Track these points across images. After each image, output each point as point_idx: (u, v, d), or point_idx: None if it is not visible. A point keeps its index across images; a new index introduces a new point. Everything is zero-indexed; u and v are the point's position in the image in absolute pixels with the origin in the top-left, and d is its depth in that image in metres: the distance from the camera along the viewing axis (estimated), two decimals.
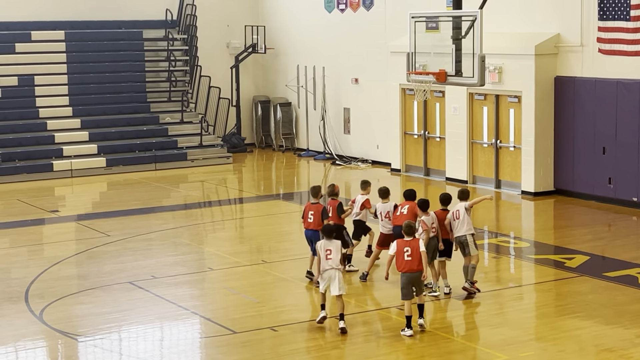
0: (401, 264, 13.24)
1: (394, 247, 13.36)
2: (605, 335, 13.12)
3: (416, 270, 13.20)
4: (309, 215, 15.63)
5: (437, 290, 15.03)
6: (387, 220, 16.01)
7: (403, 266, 13.23)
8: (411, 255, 13.15)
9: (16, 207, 23.51)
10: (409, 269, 13.20)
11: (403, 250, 13.20)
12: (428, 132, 26.63)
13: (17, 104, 29.48)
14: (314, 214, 15.54)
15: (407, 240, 13.30)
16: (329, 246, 13.56)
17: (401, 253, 13.21)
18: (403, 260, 13.21)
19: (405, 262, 13.20)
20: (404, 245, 13.26)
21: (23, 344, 13.42)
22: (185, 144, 30.32)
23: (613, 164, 22.00)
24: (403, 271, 13.27)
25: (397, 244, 13.31)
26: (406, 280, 13.23)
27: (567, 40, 22.85)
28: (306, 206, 15.89)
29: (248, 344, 13.19)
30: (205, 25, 32.83)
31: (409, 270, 13.20)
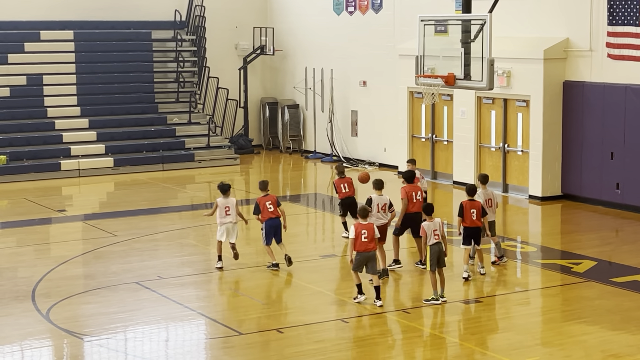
0: (360, 245, 14.54)
1: (352, 231, 14.61)
2: (611, 341, 13.09)
3: (371, 250, 14.57)
4: (267, 206, 16.90)
5: (439, 299, 14.90)
6: (383, 212, 16.11)
7: (360, 247, 14.57)
8: (367, 237, 14.52)
9: (23, 206, 23.56)
10: (364, 249, 14.57)
11: (361, 232, 14.54)
12: (436, 135, 26.61)
13: (26, 103, 29.54)
14: (272, 203, 16.91)
15: (364, 224, 14.60)
16: (227, 204, 16.92)
17: (359, 235, 14.53)
18: (361, 241, 14.53)
19: (362, 243, 14.54)
20: (361, 228, 14.55)
21: (29, 343, 13.44)
22: (192, 145, 30.34)
23: (621, 169, 21.96)
24: (359, 251, 14.58)
25: (355, 227, 14.59)
26: (361, 258, 14.62)
27: (576, 45, 22.82)
28: (260, 200, 17.02)
29: (254, 345, 13.19)
30: (214, 27, 32.86)
31: (365, 250, 14.58)
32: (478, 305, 14.87)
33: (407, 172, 17.44)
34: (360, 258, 14.64)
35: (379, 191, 16.29)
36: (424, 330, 13.75)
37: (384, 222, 16.20)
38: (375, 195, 16.24)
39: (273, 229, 17.00)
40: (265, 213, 16.91)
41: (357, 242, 14.60)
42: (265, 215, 16.94)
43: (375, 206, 16.11)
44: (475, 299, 15.15)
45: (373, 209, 16.06)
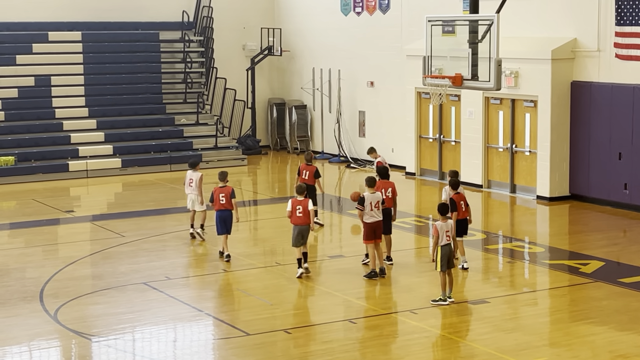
0: (295, 219, 16.23)
1: (289, 205, 16.28)
2: (619, 342, 13.07)
3: (305, 224, 16.22)
4: (220, 198, 17.58)
5: (446, 299, 14.91)
6: (376, 210, 16.16)
7: (296, 220, 16.24)
8: (302, 212, 16.19)
9: (31, 207, 23.62)
10: (300, 222, 16.25)
11: (296, 208, 16.22)
12: (443, 135, 26.59)
13: (34, 104, 29.62)
14: (225, 195, 17.60)
15: (300, 199, 16.27)
16: (192, 176, 19.08)
17: (294, 210, 16.22)
18: (296, 216, 16.23)
19: (298, 217, 16.24)
20: (296, 204, 16.23)
21: (37, 343, 13.47)
22: (200, 146, 30.38)
23: (629, 170, 21.92)
24: (295, 224, 16.28)
25: (291, 202, 16.28)
26: (297, 231, 16.28)
27: (584, 45, 22.78)
28: (215, 190, 17.67)
29: (261, 346, 13.20)
30: (222, 28, 32.90)
31: (300, 224, 16.25)
32: (486, 305, 14.86)
33: (380, 168, 17.76)
34: (297, 231, 16.21)
35: (371, 189, 16.35)
36: (431, 331, 13.74)
37: (378, 219, 16.26)
38: (367, 193, 16.30)
39: (223, 220, 17.68)
40: (217, 204, 17.63)
41: (293, 216, 16.20)
42: (217, 206, 17.68)
43: (369, 204, 16.17)
44: (482, 299, 15.13)
45: (366, 207, 16.16)
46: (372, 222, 16.14)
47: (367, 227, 16.24)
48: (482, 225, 21.36)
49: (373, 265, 16.39)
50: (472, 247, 18.92)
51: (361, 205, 16.19)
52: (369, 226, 16.22)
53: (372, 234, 16.23)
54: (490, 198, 24.33)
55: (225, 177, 18.03)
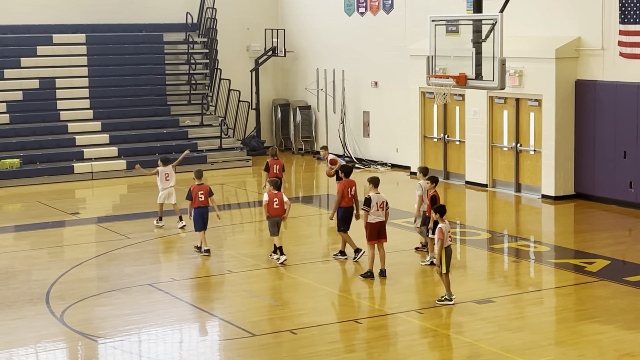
0: (272, 210, 17.40)
1: (266, 197, 17.45)
2: (625, 340, 13.06)
3: (280, 215, 17.40)
4: (199, 195, 18.16)
5: (452, 299, 14.92)
6: (380, 210, 16.24)
7: (272, 212, 17.40)
8: (278, 204, 17.40)
9: (37, 209, 23.65)
10: (276, 214, 17.42)
11: (273, 200, 17.43)
12: (448, 135, 26.59)
13: (39, 106, 29.66)
14: (204, 193, 18.21)
15: (275, 192, 17.42)
16: (167, 171, 20.32)
17: (272, 202, 17.41)
18: (272, 207, 17.42)
19: (274, 209, 17.42)
20: (273, 196, 17.43)
21: (44, 345, 13.50)
22: (205, 147, 30.40)
23: (634, 168, 21.89)
24: (272, 215, 17.40)
25: (268, 195, 17.44)
26: (272, 222, 17.50)
27: (588, 43, 22.77)
28: (193, 188, 18.24)
29: (267, 346, 13.21)
30: (226, 29, 32.93)
31: (275, 215, 17.44)
32: (491, 305, 14.86)
33: (345, 166, 18.15)
34: (272, 222, 17.44)
35: (376, 190, 16.39)
36: (437, 331, 13.74)
37: (382, 220, 16.29)
38: (373, 193, 16.34)
39: (201, 217, 18.23)
40: (196, 201, 18.17)
41: (270, 207, 17.38)
42: (196, 203, 18.19)
43: (375, 205, 16.22)
44: (488, 298, 15.13)
45: (372, 207, 16.22)
46: (376, 223, 16.20)
47: (371, 228, 16.27)
48: (488, 224, 21.36)
49: (371, 266, 16.44)
50: (478, 246, 18.93)
51: (367, 207, 16.22)
52: (373, 226, 16.25)
53: (375, 234, 16.27)
54: (495, 197, 24.32)
55: (202, 174, 18.68)
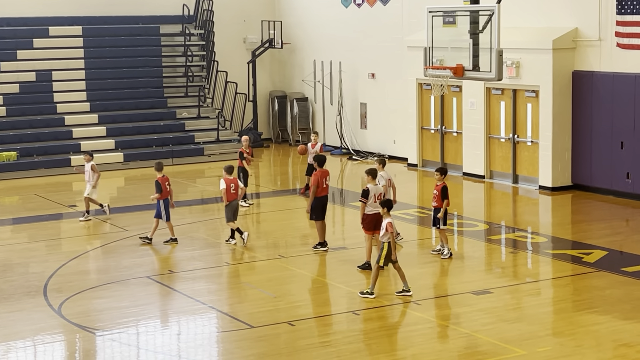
0: (230, 195, 18.27)
1: (223, 184, 18.22)
2: (623, 331, 13.08)
3: (237, 199, 18.45)
4: (167, 186, 18.84)
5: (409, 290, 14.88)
6: (379, 202, 16.16)
7: (231, 197, 18.31)
8: (235, 190, 18.35)
9: (34, 202, 23.64)
10: (234, 198, 18.37)
11: (230, 185, 18.26)
12: (445, 127, 26.58)
13: (35, 99, 29.62)
14: (169, 184, 18.89)
15: (231, 178, 18.36)
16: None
17: (229, 188, 18.24)
18: (230, 193, 18.26)
19: (231, 194, 18.31)
20: (230, 182, 18.29)
21: (42, 338, 13.50)
22: (202, 139, 30.39)
23: (631, 159, 21.91)
24: (229, 200, 18.27)
25: (225, 181, 18.22)
26: (230, 207, 18.32)
27: (585, 34, 22.76)
28: (162, 180, 18.79)
29: (265, 338, 13.22)
30: (222, 21, 32.88)
31: (234, 199, 18.36)
32: (489, 295, 14.87)
33: (318, 156, 18.29)
34: (231, 207, 18.29)
35: (373, 181, 16.44)
36: (435, 322, 13.76)
37: (378, 211, 16.26)
38: (371, 185, 16.40)
39: (164, 207, 18.82)
40: (165, 192, 18.77)
41: (228, 194, 18.19)
42: (165, 194, 18.80)
43: (372, 196, 16.26)
44: (486, 289, 15.15)
45: (370, 198, 16.27)
46: (373, 214, 16.22)
47: (369, 219, 16.31)
48: (485, 215, 21.37)
49: (368, 257, 16.50)
50: (475, 237, 18.95)
51: (365, 198, 16.26)
52: (370, 218, 16.29)
53: (372, 225, 16.29)
54: (492, 189, 24.33)
55: (162, 166, 19.23)
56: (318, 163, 17.93)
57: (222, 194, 18.34)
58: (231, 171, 18.60)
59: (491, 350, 12.47)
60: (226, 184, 18.27)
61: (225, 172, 18.54)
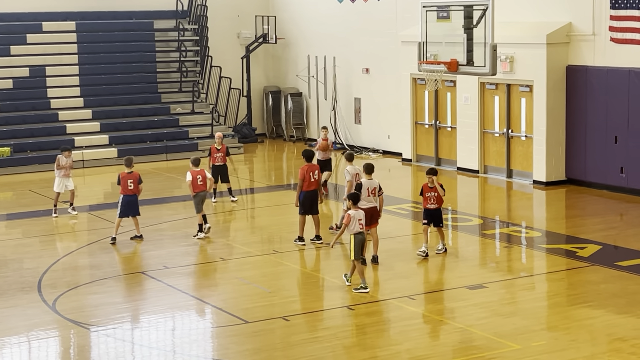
0: (197, 186, 18.54)
1: (189, 176, 18.57)
2: (617, 325, 13.10)
3: (204, 190, 18.60)
4: (128, 183, 18.44)
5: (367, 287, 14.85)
6: (372, 196, 16.33)
7: (198, 188, 18.56)
8: (202, 181, 18.56)
9: (28, 198, 23.60)
10: (201, 189, 18.57)
11: (196, 177, 18.55)
12: (439, 121, 26.59)
13: (29, 95, 29.57)
14: (133, 181, 18.47)
15: (197, 170, 18.58)
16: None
17: (195, 179, 18.55)
18: (197, 184, 18.55)
19: (198, 186, 18.55)
20: (196, 174, 18.54)
21: (36, 333, 13.48)
22: (196, 135, 30.35)
23: (625, 153, 21.94)
24: (196, 191, 18.54)
25: (191, 173, 18.54)
26: (198, 198, 18.57)
27: (579, 29, 22.77)
28: (123, 176, 18.49)
29: (260, 333, 13.22)
30: (216, 16, 32.84)
31: (201, 190, 18.56)
32: (483, 290, 14.89)
33: (305, 151, 18.24)
34: (198, 197, 18.54)
35: (368, 175, 16.46)
36: (429, 317, 13.77)
37: (373, 205, 16.34)
38: (365, 179, 16.39)
39: (129, 205, 18.50)
40: (125, 189, 18.50)
41: (194, 184, 18.45)
42: (124, 190, 18.51)
43: (366, 190, 16.29)
44: (480, 284, 15.17)
45: (363, 193, 16.25)
46: (368, 208, 16.20)
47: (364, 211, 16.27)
48: (479, 210, 21.40)
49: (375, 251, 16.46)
50: (469, 232, 18.97)
51: (358, 192, 16.25)
52: (364, 212, 16.23)
53: (367, 219, 16.23)
54: (486, 183, 24.35)
55: (132, 162, 18.83)
56: (306, 158, 17.95)
57: (188, 185, 18.67)
58: (197, 163, 18.83)
59: (486, 344, 12.49)
60: (192, 176, 18.56)
61: (192, 164, 18.81)
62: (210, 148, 22.44)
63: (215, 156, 22.09)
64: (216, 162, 22.10)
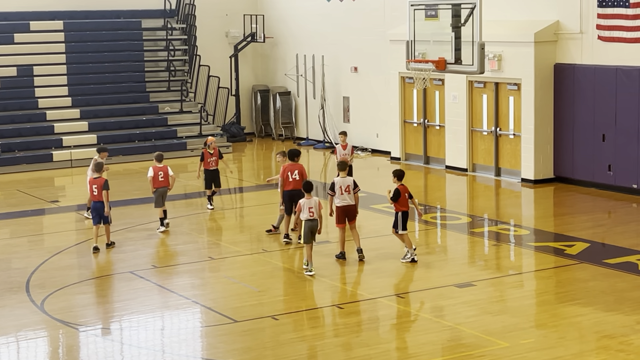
0: (158, 182, 19.02)
1: (151, 172, 19.05)
2: (605, 322, 13.14)
3: (165, 186, 19.13)
4: (93, 189, 17.84)
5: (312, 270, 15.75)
6: (347, 194, 16.41)
7: (158, 184, 19.04)
8: (163, 177, 19.06)
9: (16, 198, 23.53)
10: (161, 185, 19.07)
11: (158, 173, 19.05)
12: (428, 120, 26.62)
13: (16, 94, 29.47)
14: (97, 187, 17.80)
15: (160, 166, 19.10)
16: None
17: (156, 175, 19.04)
18: (158, 180, 19.04)
19: (160, 182, 19.08)
20: (158, 170, 19.06)
21: (24, 333, 13.44)
22: (184, 134, 30.31)
23: (613, 151, 22.00)
24: (157, 187, 19.00)
25: (153, 169, 19.07)
26: (158, 193, 19.07)
27: (567, 27, 22.82)
28: (90, 181, 17.93)
29: (249, 332, 13.22)
30: (204, 15, 32.79)
31: (161, 186, 19.08)
32: (472, 288, 14.91)
33: (290, 150, 18.35)
34: (157, 193, 19.03)
35: (343, 172, 16.54)
36: (418, 315, 13.79)
37: (348, 202, 16.44)
38: (338, 178, 16.52)
39: (96, 211, 17.80)
40: (91, 195, 18.02)
41: (155, 180, 19.02)
42: (90, 196, 18.03)
43: (338, 188, 16.37)
44: (469, 282, 15.19)
45: (336, 191, 16.43)
46: (342, 206, 16.42)
47: (338, 211, 16.53)
48: (468, 208, 21.43)
49: (342, 248, 16.67)
50: (458, 230, 18.99)
51: (331, 191, 16.47)
52: (339, 210, 16.50)
53: (343, 217, 16.45)
54: (475, 182, 24.39)
55: (101, 168, 18.12)
56: (289, 156, 18.05)
57: (149, 181, 19.09)
58: (160, 159, 19.28)
59: (475, 342, 12.51)
60: (154, 172, 19.03)
61: (155, 159, 19.27)
62: (202, 152, 21.79)
63: (209, 160, 21.34)
64: (209, 167, 21.36)
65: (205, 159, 21.41)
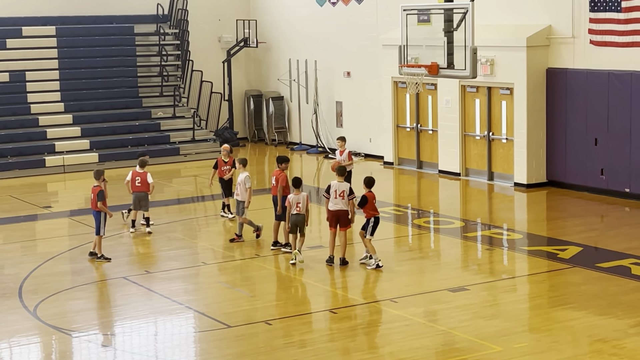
0: (134, 187, 19.46)
1: (129, 176, 19.55)
2: (598, 326, 13.16)
3: (142, 191, 19.43)
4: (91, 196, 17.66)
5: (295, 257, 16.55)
6: (340, 199, 16.38)
7: (135, 188, 19.47)
8: (141, 183, 19.42)
9: (9, 203, 23.48)
10: (138, 190, 19.47)
11: (135, 178, 19.48)
12: (420, 124, 26.64)
13: (9, 100, 29.41)
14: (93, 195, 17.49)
15: (140, 172, 19.50)
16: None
17: (134, 180, 19.48)
18: (135, 185, 19.50)
19: (137, 187, 19.49)
20: (136, 175, 19.50)
21: (17, 340, 13.41)
22: (177, 139, 30.30)
23: (605, 155, 22.05)
24: (134, 191, 19.43)
25: (132, 174, 19.55)
26: (135, 197, 19.48)
27: (559, 31, 22.87)
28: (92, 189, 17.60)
29: (242, 337, 13.21)
30: (197, 20, 32.79)
31: (137, 191, 19.48)
32: (465, 292, 14.92)
33: (280, 157, 18.54)
34: (135, 197, 19.43)
35: (340, 177, 16.57)
36: (412, 319, 13.79)
37: (339, 207, 16.44)
38: (335, 181, 16.56)
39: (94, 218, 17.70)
40: (88, 203, 18.97)
41: (132, 185, 19.42)
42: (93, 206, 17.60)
43: (333, 192, 16.40)
44: (462, 286, 15.20)
45: (331, 195, 16.45)
46: (334, 210, 16.49)
47: (330, 215, 16.56)
48: (461, 213, 21.44)
49: (331, 252, 16.67)
50: (451, 235, 19.01)
51: (327, 193, 16.50)
52: (331, 214, 16.55)
53: (334, 221, 16.48)
54: (468, 186, 24.42)
55: (101, 175, 17.74)
56: (277, 162, 18.30)
57: (125, 184, 19.63)
58: (143, 165, 19.61)
59: (468, 347, 12.52)
60: (131, 177, 19.49)
61: (138, 164, 19.66)
62: (217, 160, 21.15)
63: (223, 169, 20.80)
64: (224, 176, 20.80)
65: (219, 167, 20.91)
